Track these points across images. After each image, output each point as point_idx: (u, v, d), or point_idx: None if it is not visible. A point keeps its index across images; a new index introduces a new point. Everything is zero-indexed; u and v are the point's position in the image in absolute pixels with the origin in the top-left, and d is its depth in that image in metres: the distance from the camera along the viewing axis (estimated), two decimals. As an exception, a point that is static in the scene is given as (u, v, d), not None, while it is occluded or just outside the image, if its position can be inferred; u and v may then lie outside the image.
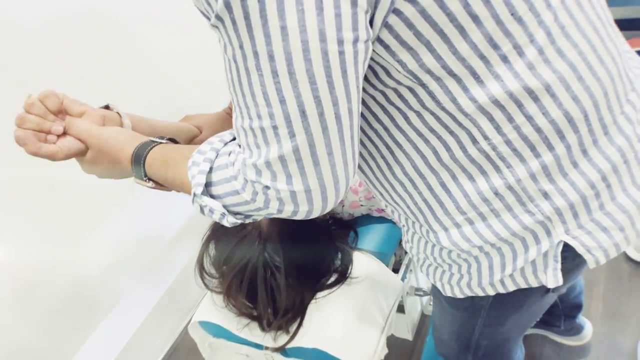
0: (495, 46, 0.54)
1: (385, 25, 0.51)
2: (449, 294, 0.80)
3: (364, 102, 0.62)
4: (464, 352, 0.97)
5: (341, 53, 0.48)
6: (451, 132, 0.60)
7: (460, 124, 0.59)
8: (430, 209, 0.69)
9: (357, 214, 1.21)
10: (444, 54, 0.54)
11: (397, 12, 0.50)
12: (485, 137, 0.59)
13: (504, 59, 0.55)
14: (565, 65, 0.57)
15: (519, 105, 0.57)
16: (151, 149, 0.70)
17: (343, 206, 1.20)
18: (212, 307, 1.09)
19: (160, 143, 0.71)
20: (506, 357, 1.02)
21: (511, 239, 0.66)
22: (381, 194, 0.75)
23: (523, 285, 0.72)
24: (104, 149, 0.74)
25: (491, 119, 0.58)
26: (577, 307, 1.41)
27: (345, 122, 0.52)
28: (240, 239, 1.01)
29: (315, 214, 0.58)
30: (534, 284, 0.70)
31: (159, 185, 0.72)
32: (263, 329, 1.03)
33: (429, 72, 0.55)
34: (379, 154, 0.68)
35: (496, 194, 0.63)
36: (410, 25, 0.51)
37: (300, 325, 1.02)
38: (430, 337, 1.25)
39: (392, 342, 1.05)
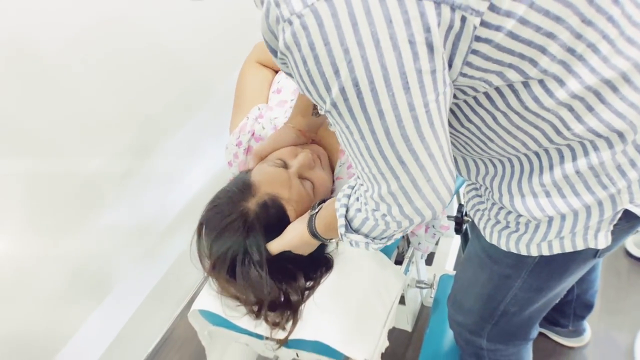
0: (570, 50, 0.59)
1: (466, 63, 0.59)
2: (494, 241, 0.82)
3: (456, 106, 0.70)
4: (486, 320, 0.98)
5: (427, 112, 0.58)
6: (536, 127, 0.65)
7: (543, 119, 0.64)
8: (512, 177, 0.74)
9: None
10: (526, 68, 0.60)
11: (474, 52, 0.58)
12: (568, 128, 0.64)
13: (580, 58, 0.60)
14: (637, 50, 0.61)
15: (598, 94, 0.61)
16: (315, 225, 0.91)
17: None
18: (212, 296, 1.08)
19: (315, 214, 0.92)
20: (523, 333, 1.03)
21: (581, 209, 0.70)
22: (468, 172, 0.81)
23: (568, 249, 0.75)
24: (297, 248, 0.97)
25: (571, 109, 0.62)
26: (589, 308, 1.42)
27: (438, 156, 0.62)
28: (224, 227, 0.98)
29: (427, 220, 0.70)
30: (581, 246, 0.74)
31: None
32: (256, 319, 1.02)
33: (513, 82, 0.62)
34: (473, 143, 0.74)
35: (577, 172, 0.67)
36: (489, 58, 0.59)
37: (294, 322, 1.00)
38: (430, 330, 1.25)
39: (390, 333, 1.04)
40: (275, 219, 0.98)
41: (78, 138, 1.39)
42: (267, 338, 1.07)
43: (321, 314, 1.00)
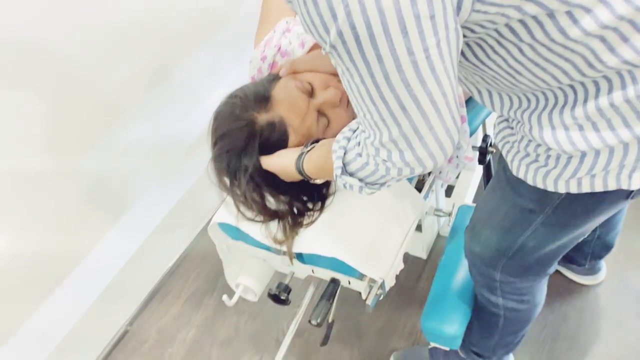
0: None
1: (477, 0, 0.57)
2: (521, 175, 0.79)
3: (480, 39, 0.66)
4: (502, 252, 0.97)
5: (427, 57, 0.57)
6: (566, 59, 0.62)
7: (572, 51, 0.60)
8: (545, 109, 0.71)
9: None
10: (545, 1, 0.57)
11: None
12: (600, 60, 0.60)
13: None
14: None
15: (633, 24, 0.57)
16: (302, 163, 0.90)
17: None
18: (233, 211, 1.09)
19: (305, 152, 0.91)
20: (539, 269, 1.02)
21: (617, 146, 0.66)
22: (501, 107, 0.78)
23: (599, 188, 0.71)
24: (280, 174, 0.96)
25: (603, 40, 0.59)
26: (608, 248, 1.41)
27: (440, 104, 0.62)
28: (230, 129, 0.97)
29: (429, 170, 0.71)
30: (612, 186, 0.70)
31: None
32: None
33: (536, 15, 0.59)
34: (502, 77, 0.70)
35: (612, 105, 0.63)
36: None
37: (289, 237, 1.00)
38: (445, 258, 1.27)
39: (405, 259, 1.05)
40: (275, 142, 0.96)
41: (99, 55, 1.37)
42: (284, 253, 1.10)
43: (339, 231, 1.01)
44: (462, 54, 0.69)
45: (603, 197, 0.75)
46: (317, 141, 0.93)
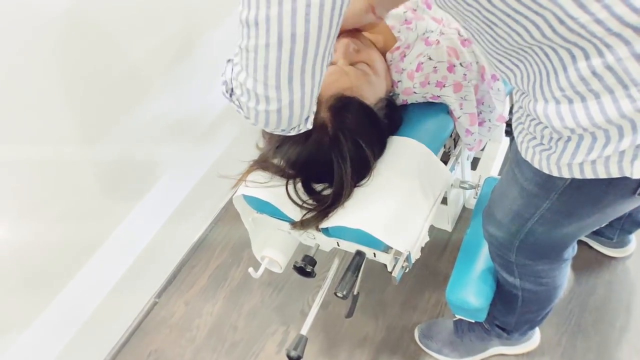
0: None
1: None
2: (528, 158, 0.78)
3: None
4: (514, 234, 0.96)
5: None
6: (536, 12, 0.60)
7: (540, 5, 0.59)
8: (535, 79, 0.69)
9: (410, 101, 1.16)
10: None
11: None
12: (571, 17, 0.58)
13: None
14: None
15: None
16: None
17: (395, 91, 1.15)
18: (258, 182, 1.10)
19: None
20: (554, 254, 1.00)
21: (606, 125, 0.63)
22: (499, 64, 0.76)
23: (602, 174, 0.69)
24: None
25: None
26: (638, 224, 1.38)
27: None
28: (310, 146, 1.02)
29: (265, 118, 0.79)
30: (615, 173, 0.67)
31: None
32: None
33: None
34: (483, 30, 0.70)
35: (594, 73, 0.61)
36: None
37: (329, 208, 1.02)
38: (471, 230, 1.25)
39: (430, 232, 1.04)
40: (354, 114, 1.00)
41: (124, 27, 1.37)
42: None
43: (365, 204, 1.00)
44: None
45: (607, 189, 0.74)
46: None
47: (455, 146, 1.25)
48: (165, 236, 1.73)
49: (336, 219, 1.01)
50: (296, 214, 1.05)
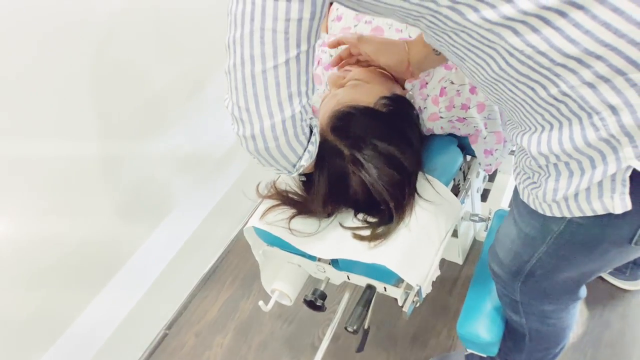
0: None
1: None
2: (524, 198, 0.80)
3: (425, 27, 0.70)
4: (514, 275, 0.96)
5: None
6: (488, 46, 0.64)
7: (488, 40, 0.63)
8: (514, 109, 0.72)
9: (435, 129, 1.16)
10: None
11: None
12: (516, 49, 0.62)
13: None
14: None
15: (543, 19, 0.58)
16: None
17: (421, 121, 1.15)
18: (268, 215, 1.10)
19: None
20: (558, 296, 0.99)
21: (576, 155, 0.65)
22: (488, 96, 0.78)
23: (588, 212, 0.69)
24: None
25: (515, 32, 0.60)
26: None
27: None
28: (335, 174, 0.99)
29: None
30: (599, 210, 0.67)
31: None
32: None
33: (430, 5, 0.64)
34: (460, 64, 0.74)
35: (556, 99, 0.64)
36: None
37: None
38: (481, 263, 1.25)
39: (441, 265, 1.04)
40: (355, 120, 0.98)
41: (146, 61, 1.41)
42: (319, 260, 1.10)
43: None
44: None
45: (602, 235, 0.74)
46: None
47: (464, 179, 1.26)
48: (176, 267, 1.74)
49: (347, 252, 1.01)
50: (307, 248, 1.06)
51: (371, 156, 0.95)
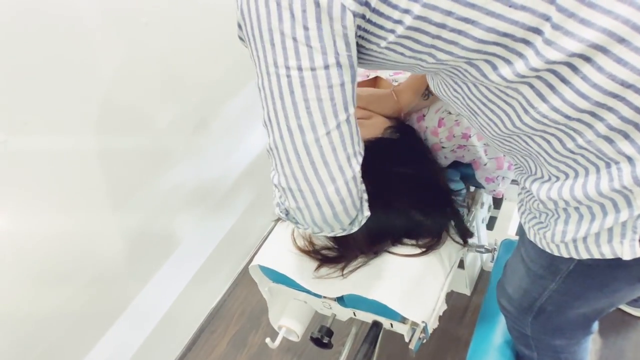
0: (505, 34, 0.59)
1: (386, 47, 0.65)
2: (531, 237, 0.79)
3: (445, 75, 0.70)
4: (526, 311, 0.95)
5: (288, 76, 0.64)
6: (505, 101, 0.65)
7: (507, 94, 0.64)
8: (526, 160, 0.73)
9: (440, 159, 1.16)
10: (454, 50, 0.62)
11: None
12: (532, 106, 0.62)
13: (523, 40, 0.59)
14: (596, 32, 0.55)
15: (555, 73, 0.59)
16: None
17: None
18: (273, 253, 1.11)
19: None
20: (570, 331, 0.98)
21: (586, 202, 0.65)
22: (498, 148, 0.79)
23: (596, 255, 0.69)
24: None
25: (532, 86, 0.61)
26: None
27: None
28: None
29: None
30: (608, 254, 0.67)
31: None
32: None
33: (447, 62, 0.64)
34: (471, 119, 0.75)
35: (572, 152, 0.64)
36: (406, 39, 0.63)
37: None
38: (488, 297, 1.24)
39: (449, 296, 1.04)
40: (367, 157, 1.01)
41: (146, 100, 1.44)
42: (324, 297, 1.10)
43: (380, 274, 1.01)
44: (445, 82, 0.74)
45: (613, 275, 0.74)
46: None
47: (469, 211, 1.26)
48: (185, 302, 1.74)
49: (352, 288, 1.01)
50: (312, 284, 1.06)
51: (401, 182, 1.01)
